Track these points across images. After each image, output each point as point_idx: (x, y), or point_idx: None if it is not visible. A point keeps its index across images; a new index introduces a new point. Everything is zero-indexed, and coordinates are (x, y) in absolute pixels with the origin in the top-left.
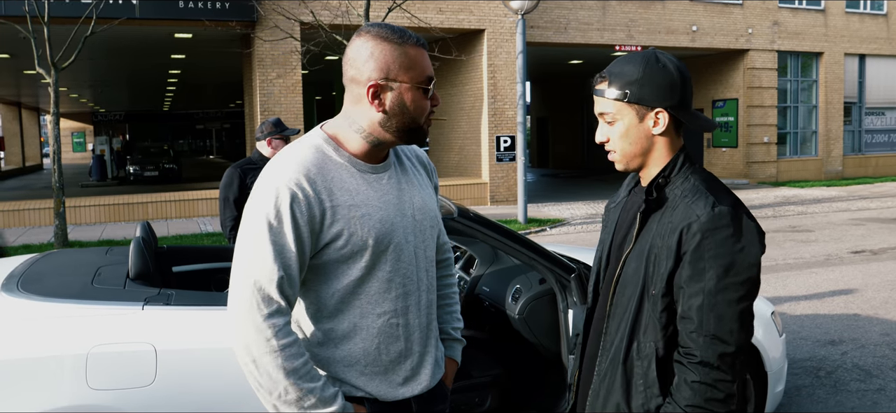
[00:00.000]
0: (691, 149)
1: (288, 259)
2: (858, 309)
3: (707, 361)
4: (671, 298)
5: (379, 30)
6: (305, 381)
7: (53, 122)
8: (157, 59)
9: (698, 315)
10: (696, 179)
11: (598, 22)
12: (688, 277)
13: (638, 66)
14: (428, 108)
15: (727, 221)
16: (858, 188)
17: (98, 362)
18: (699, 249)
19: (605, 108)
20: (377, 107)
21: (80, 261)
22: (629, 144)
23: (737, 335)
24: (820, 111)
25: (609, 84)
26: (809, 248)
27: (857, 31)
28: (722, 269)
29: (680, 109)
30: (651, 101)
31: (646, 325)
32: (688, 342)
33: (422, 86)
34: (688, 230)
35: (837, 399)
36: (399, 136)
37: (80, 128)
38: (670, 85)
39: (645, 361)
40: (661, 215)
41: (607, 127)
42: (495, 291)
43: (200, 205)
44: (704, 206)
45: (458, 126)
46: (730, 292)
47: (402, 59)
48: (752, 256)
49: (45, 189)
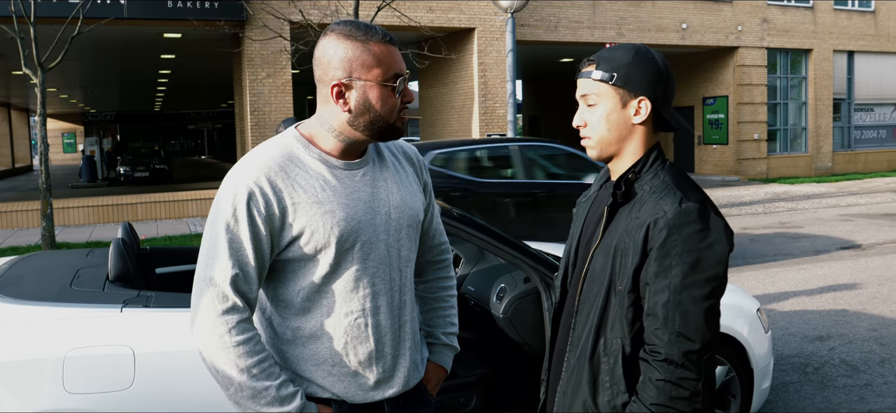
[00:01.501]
0: (682, 145)
1: (244, 257)
2: (846, 304)
3: (672, 359)
4: (637, 295)
5: (343, 27)
6: (259, 380)
7: (40, 123)
8: (146, 59)
9: (664, 312)
10: (665, 175)
11: (589, 20)
12: (654, 274)
13: (628, 53)
14: (397, 106)
15: (694, 217)
16: (848, 184)
17: (75, 366)
18: (665, 245)
19: (589, 90)
20: (343, 106)
21: (59, 263)
22: (607, 130)
23: (702, 333)
24: (809, 108)
25: (596, 67)
26: (799, 243)
27: (846, 28)
28: (688, 266)
29: (662, 103)
30: (636, 87)
31: (612, 321)
32: (653, 339)
33: (388, 83)
34: (654, 226)
35: (824, 395)
36: (369, 134)
37: (70, 128)
38: (657, 76)
39: (611, 358)
40: (630, 211)
41: (587, 111)
42: (480, 291)
43: (191, 205)
44: (672, 202)
45: (448, 124)
46: (695, 289)
47: (366, 56)
48: (719, 253)
49: (33, 190)
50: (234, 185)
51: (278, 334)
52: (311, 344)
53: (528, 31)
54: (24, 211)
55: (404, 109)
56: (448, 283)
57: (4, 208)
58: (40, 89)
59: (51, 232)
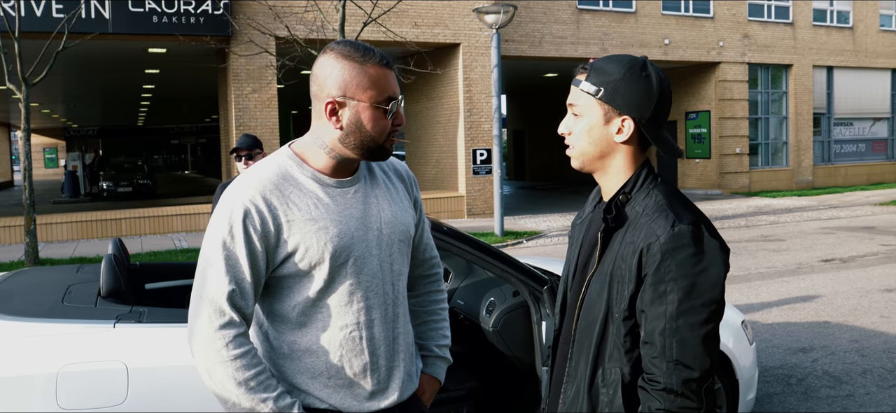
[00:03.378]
0: (664, 159)
1: (240, 273)
2: (828, 316)
3: (671, 388)
4: (635, 322)
5: (343, 47)
6: (257, 392)
7: (24, 138)
8: (130, 74)
9: (661, 340)
10: (657, 195)
11: (572, 35)
12: (649, 301)
13: (621, 67)
14: (388, 128)
15: (688, 241)
16: (828, 198)
17: (69, 381)
18: (659, 271)
19: (576, 99)
20: (335, 123)
21: (50, 279)
22: (589, 144)
23: (701, 360)
24: (790, 122)
25: (587, 77)
26: (781, 257)
27: (825, 44)
28: (683, 292)
29: (649, 125)
30: (622, 106)
31: (610, 350)
32: (651, 368)
33: (380, 106)
34: (647, 251)
35: (808, 405)
36: (359, 153)
37: (52, 143)
38: (646, 97)
39: (610, 389)
40: (623, 235)
41: (572, 119)
42: (469, 304)
43: (175, 221)
44: (664, 225)
45: (434, 139)
46: (692, 316)
47: (361, 78)
48: (714, 277)
49: (15, 206)
50: (231, 203)
51: (275, 348)
52: (307, 357)
53: (513, 46)
54: (5, 227)
55: (395, 131)
56: (439, 296)
57: None
58: (24, 104)
59: (34, 248)
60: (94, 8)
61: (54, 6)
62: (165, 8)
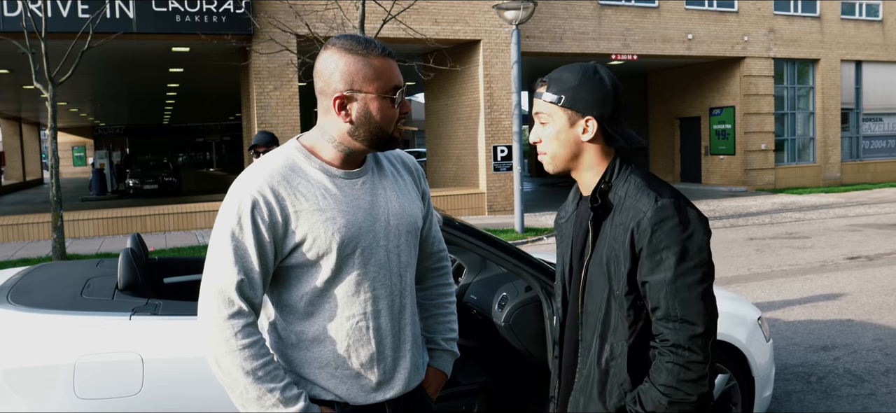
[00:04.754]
0: (688, 156)
1: (249, 263)
2: (852, 314)
3: (679, 344)
4: (636, 295)
5: (344, 41)
6: (265, 382)
7: (51, 136)
8: (155, 73)
9: (665, 303)
10: (636, 179)
11: (594, 31)
12: (648, 270)
13: (576, 74)
14: (396, 117)
15: (672, 212)
16: (856, 194)
17: (86, 372)
18: (652, 242)
19: (540, 109)
20: (344, 117)
21: (70, 273)
22: (559, 147)
23: (703, 315)
24: (817, 118)
25: (547, 88)
26: (805, 254)
27: (853, 38)
28: (677, 257)
29: (610, 121)
30: (582, 108)
31: (615, 325)
32: (660, 329)
33: (387, 95)
34: (638, 227)
35: (827, 404)
36: (369, 144)
37: (80, 142)
38: (603, 96)
39: (618, 361)
40: (612, 219)
41: (541, 128)
42: (482, 299)
43: (199, 217)
44: (648, 202)
45: (454, 136)
46: (688, 276)
47: (367, 70)
48: (700, 240)
49: (44, 203)
50: (239, 194)
51: (283, 338)
52: (314, 347)
53: (534, 42)
54: (35, 223)
55: (401, 120)
56: (447, 290)
57: (16, 221)
58: (51, 103)
59: (61, 244)
60: (119, 8)
61: (80, 6)
62: (188, 7)
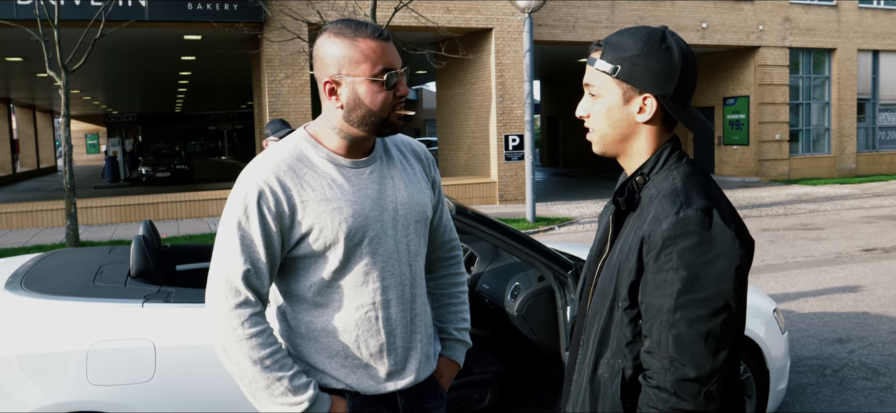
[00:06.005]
0: (702, 146)
1: (255, 253)
2: (867, 307)
3: (664, 387)
4: (637, 312)
5: (335, 26)
6: (273, 370)
7: (64, 123)
8: (167, 61)
9: (657, 334)
10: (676, 177)
11: (607, 19)
12: (649, 292)
13: (638, 41)
14: (389, 100)
15: (693, 228)
16: (872, 186)
17: (98, 359)
18: (659, 260)
19: (592, 80)
20: (336, 102)
21: (82, 259)
22: (609, 126)
23: (700, 360)
24: (833, 108)
25: (602, 54)
26: (820, 246)
27: (871, 27)
28: (683, 283)
29: (672, 101)
30: (642, 83)
31: (613, 340)
32: (647, 362)
33: (376, 79)
34: (649, 238)
35: (843, 397)
36: (365, 129)
37: (93, 130)
38: (667, 71)
39: (610, 382)
40: (636, 218)
41: (590, 101)
42: (495, 289)
43: (211, 205)
44: (670, 210)
45: (466, 125)
46: (692, 309)
47: (353, 53)
48: (721, 270)
49: (58, 190)
50: (245, 184)
51: (292, 328)
52: (323, 337)
53: (546, 30)
54: (48, 210)
55: (399, 104)
56: (459, 279)
57: (30, 207)
58: (64, 91)
59: (75, 230)
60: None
61: None
62: None
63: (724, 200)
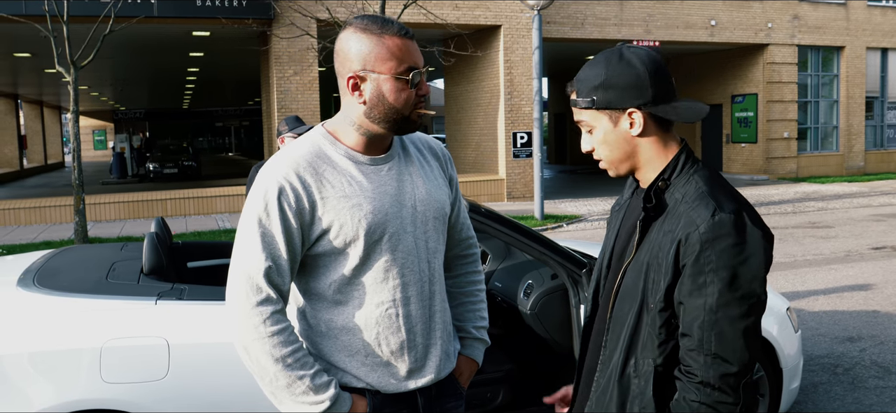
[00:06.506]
0: (709, 144)
1: (276, 250)
2: (878, 305)
3: (708, 382)
4: (670, 313)
5: (361, 22)
6: (295, 369)
7: (73, 119)
8: (175, 58)
9: (699, 333)
10: (698, 182)
11: (616, 17)
12: (687, 292)
13: (599, 68)
14: (411, 99)
15: (729, 230)
16: (880, 184)
17: (112, 356)
18: (698, 262)
19: (580, 117)
20: (358, 98)
21: (95, 256)
22: (610, 150)
23: (740, 354)
24: (841, 106)
25: (577, 93)
26: (829, 244)
27: (880, 25)
28: (724, 284)
29: (655, 105)
30: (619, 103)
31: (644, 341)
32: (688, 360)
33: (401, 76)
34: (686, 241)
35: (855, 396)
36: (386, 126)
37: (101, 126)
38: (636, 82)
39: (642, 380)
40: (662, 223)
41: (588, 136)
42: (507, 287)
43: (219, 202)
44: (705, 214)
45: (474, 122)
46: (732, 308)
47: (380, 49)
48: (756, 268)
49: (66, 186)
50: (266, 181)
51: (312, 327)
52: (343, 335)
53: (555, 28)
54: (56, 206)
55: (420, 103)
56: (476, 277)
57: (38, 204)
58: (73, 87)
59: (83, 227)
60: None
61: None
62: None
63: (746, 201)
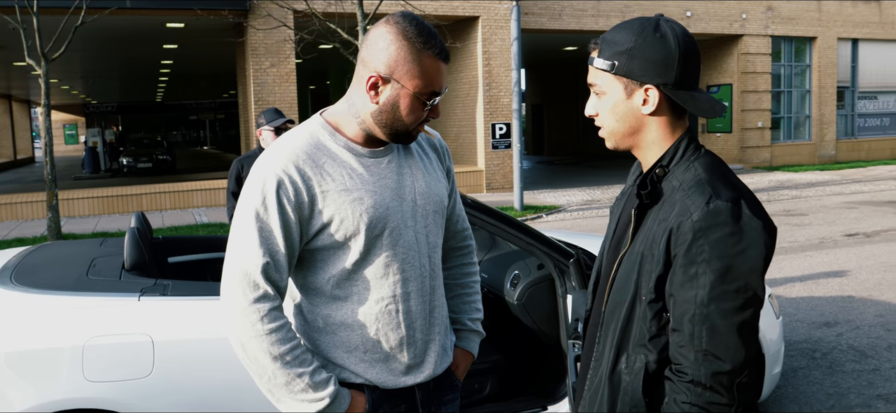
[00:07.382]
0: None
1: (274, 245)
2: (853, 291)
3: (698, 381)
4: (662, 306)
5: (407, 25)
6: (293, 366)
7: (45, 113)
8: (149, 50)
9: (689, 327)
10: (697, 168)
11: (593, 8)
12: (679, 284)
13: (631, 33)
14: (421, 119)
15: (725, 218)
16: (851, 172)
17: (95, 354)
18: (690, 252)
19: (594, 78)
20: (372, 97)
21: (74, 252)
22: (616, 121)
23: (733, 351)
24: (813, 96)
25: (599, 52)
26: (804, 231)
27: (851, 16)
28: (716, 275)
29: (676, 88)
30: (640, 75)
31: (635, 335)
32: (678, 357)
33: (422, 97)
34: (678, 230)
35: (833, 380)
36: (386, 133)
37: (71, 120)
38: (665, 59)
39: (633, 377)
40: (657, 211)
41: (596, 99)
42: (493, 278)
43: (195, 196)
44: (699, 202)
45: (453, 114)
46: (726, 301)
47: (413, 66)
48: (753, 260)
49: (37, 182)
50: (264, 174)
51: (309, 322)
52: (342, 331)
53: (532, 19)
54: (28, 202)
55: (426, 122)
56: (472, 269)
57: (9, 200)
58: (44, 80)
59: (57, 223)
60: None
61: None
62: None
63: (748, 190)
